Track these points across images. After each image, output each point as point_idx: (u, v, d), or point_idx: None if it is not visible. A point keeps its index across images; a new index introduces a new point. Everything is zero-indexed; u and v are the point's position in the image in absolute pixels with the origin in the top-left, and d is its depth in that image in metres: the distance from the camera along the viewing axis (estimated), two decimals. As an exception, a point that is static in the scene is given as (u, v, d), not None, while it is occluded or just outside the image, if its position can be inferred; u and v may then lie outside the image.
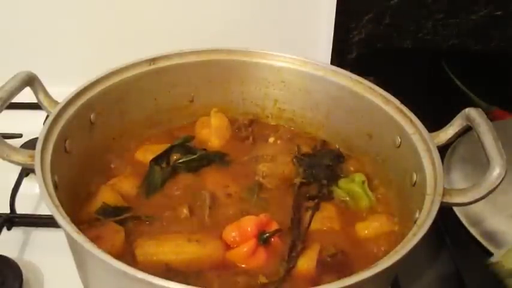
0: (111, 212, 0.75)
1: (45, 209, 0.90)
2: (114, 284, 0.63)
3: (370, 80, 0.85)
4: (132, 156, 0.86)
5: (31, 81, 0.75)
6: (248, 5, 1.18)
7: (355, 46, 1.15)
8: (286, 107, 0.93)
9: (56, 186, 0.68)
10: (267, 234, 0.73)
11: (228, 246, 0.73)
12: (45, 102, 0.77)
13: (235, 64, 0.90)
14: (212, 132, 0.89)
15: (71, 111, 0.75)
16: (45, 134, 0.70)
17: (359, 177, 0.84)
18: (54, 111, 0.73)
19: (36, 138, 0.70)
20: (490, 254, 0.83)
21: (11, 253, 0.83)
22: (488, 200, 0.68)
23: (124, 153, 0.86)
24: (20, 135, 1.01)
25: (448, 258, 0.86)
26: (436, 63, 1.09)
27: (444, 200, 0.67)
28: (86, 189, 0.79)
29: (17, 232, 0.89)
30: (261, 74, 0.91)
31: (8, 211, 0.89)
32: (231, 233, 0.73)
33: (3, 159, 0.69)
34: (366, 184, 0.83)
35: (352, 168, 0.87)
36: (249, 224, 0.73)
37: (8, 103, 0.70)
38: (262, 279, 0.69)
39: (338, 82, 0.86)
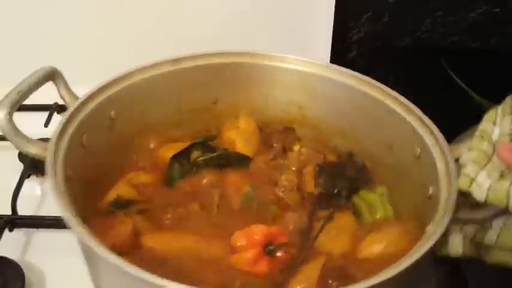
0: (123, 205, 0.77)
1: (47, 210, 0.94)
2: (113, 279, 0.64)
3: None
4: (153, 153, 0.87)
5: (54, 75, 0.77)
6: (246, 5, 1.17)
7: (354, 45, 1.14)
8: (310, 113, 0.91)
9: (68, 179, 0.69)
10: (273, 247, 0.72)
11: (233, 250, 0.72)
12: (67, 97, 0.79)
13: (260, 67, 0.89)
14: (239, 135, 0.89)
15: (90, 106, 0.76)
16: (61, 128, 0.71)
17: (380, 189, 0.82)
18: (73, 106, 0.75)
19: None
20: None
21: (12, 254, 0.84)
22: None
23: (145, 150, 0.87)
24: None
25: (448, 258, 0.82)
26: (435, 61, 1.07)
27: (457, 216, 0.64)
28: (103, 183, 0.79)
29: (18, 233, 0.90)
30: (285, 79, 0.89)
31: (9, 212, 0.90)
32: (239, 238, 0.72)
33: (20, 150, 0.71)
34: (385, 196, 0.81)
35: (374, 180, 0.84)
36: (258, 232, 0.72)
37: (28, 96, 0.72)
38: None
39: (361, 89, 0.83)
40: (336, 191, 0.82)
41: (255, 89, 0.91)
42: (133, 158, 0.85)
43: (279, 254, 0.71)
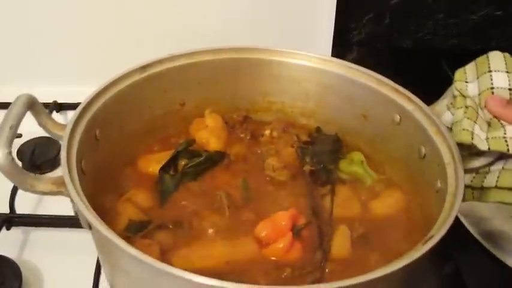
0: (139, 228, 0.73)
1: (45, 209, 0.94)
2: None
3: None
4: (136, 168, 0.84)
5: (32, 105, 0.71)
6: (247, 5, 1.18)
7: (355, 46, 1.16)
8: (275, 99, 0.93)
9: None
10: (300, 227, 0.74)
11: (261, 243, 0.73)
12: (48, 125, 0.73)
13: (223, 62, 0.89)
14: (210, 133, 0.88)
15: (80, 131, 0.72)
16: (66, 159, 0.67)
17: (357, 156, 0.87)
18: (66, 134, 0.70)
19: (36, 138, 0.66)
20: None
21: (10, 253, 0.84)
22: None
23: (128, 166, 0.83)
24: (19, 135, 0.97)
25: (448, 259, 0.89)
26: (436, 63, 1.10)
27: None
28: (101, 208, 0.75)
29: (16, 232, 0.90)
30: (249, 70, 0.90)
31: (7, 211, 0.91)
32: (264, 229, 0.73)
33: (27, 190, 0.65)
34: (365, 163, 0.87)
35: (351, 149, 0.89)
36: (283, 218, 0.73)
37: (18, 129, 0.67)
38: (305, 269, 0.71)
39: (328, 70, 0.88)
40: (322, 165, 0.86)
41: (219, 85, 0.91)
42: (123, 175, 0.82)
43: (304, 234, 0.74)
